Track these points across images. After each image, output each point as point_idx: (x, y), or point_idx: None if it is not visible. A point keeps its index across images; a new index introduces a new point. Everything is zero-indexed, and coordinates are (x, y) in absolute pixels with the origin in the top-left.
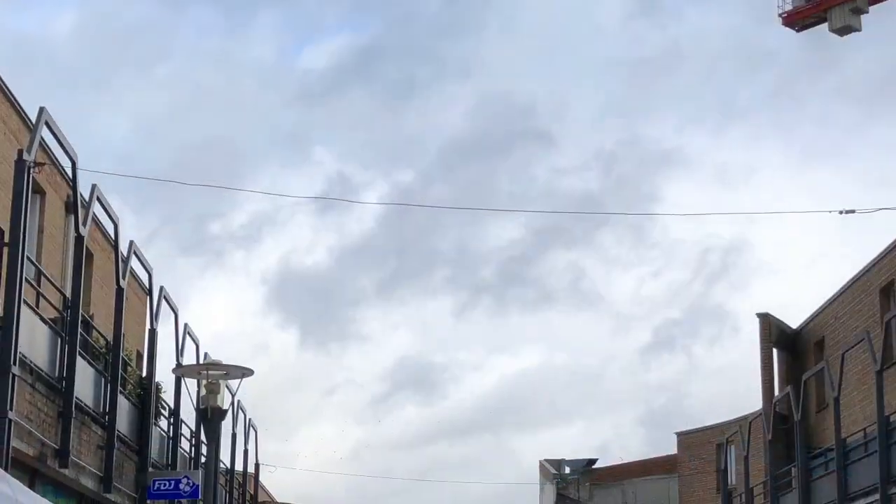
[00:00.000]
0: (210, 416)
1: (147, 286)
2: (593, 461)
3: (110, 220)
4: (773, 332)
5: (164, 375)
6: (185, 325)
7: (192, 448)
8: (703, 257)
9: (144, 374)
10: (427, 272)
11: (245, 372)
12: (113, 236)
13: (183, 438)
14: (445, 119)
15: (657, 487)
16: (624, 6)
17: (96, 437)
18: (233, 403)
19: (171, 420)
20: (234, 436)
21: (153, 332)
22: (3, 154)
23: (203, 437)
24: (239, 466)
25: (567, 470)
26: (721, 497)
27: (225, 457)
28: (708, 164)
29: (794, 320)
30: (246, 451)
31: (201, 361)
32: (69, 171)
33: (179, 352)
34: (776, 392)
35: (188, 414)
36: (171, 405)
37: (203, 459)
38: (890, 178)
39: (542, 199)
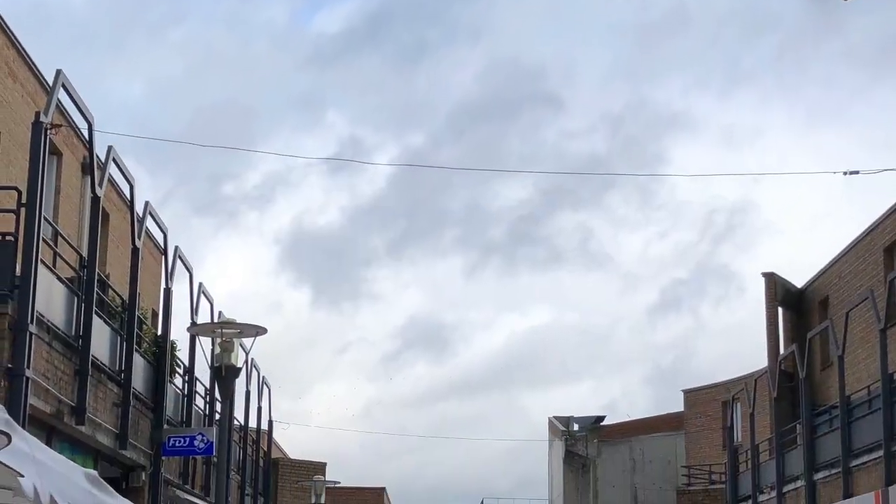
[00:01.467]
0: (224, 374)
1: (162, 246)
2: (601, 418)
3: (126, 180)
4: (779, 292)
5: (178, 334)
6: (200, 284)
7: (207, 405)
8: (709, 218)
9: (159, 332)
10: (437, 232)
11: (258, 330)
12: (128, 197)
13: (197, 396)
14: (455, 82)
15: (664, 444)
16: None
17: (112, 395)
18: (246, 361)
19: (186, 378)
20: (247, 393)
21: (168, 292)
22: (21, 116)
23: (217, 395)
24: (253, 424)
25: (575, 427)
26: (727, 453)
27: (239, 414)
28: (714, 127)
29: (799, 280)
30: (259, 409)
31: (215, 320)
32: (85, 133)
33: (194, 311)
34: (781, 350)
35: (203, 372)
36: (186, 363)
37: (217, 417)
38: (894, 140)
39: (551, 160)
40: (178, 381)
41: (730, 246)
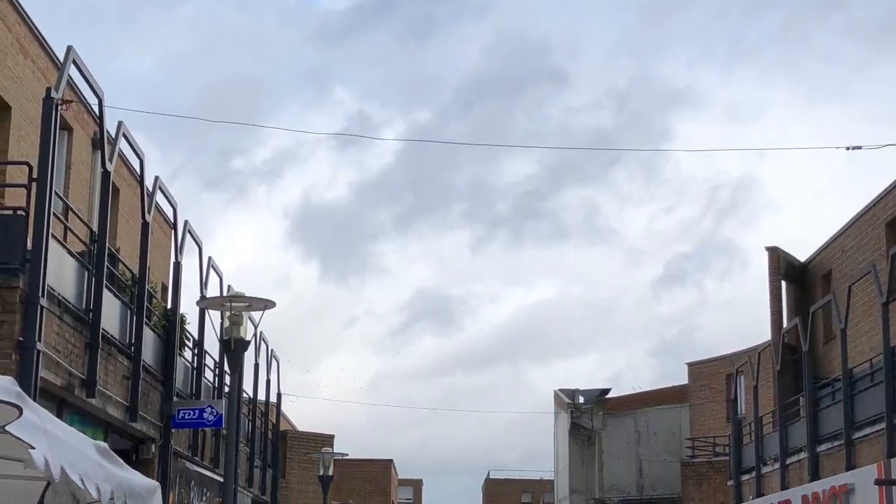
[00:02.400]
0: (233, 347)
1: (172, 220)
2: (606, 391)
3: (136, 155)
4: (782, 266)
5: (188, 307)
6: (209, 258)
7: (216, 378)
8: (713, 193)
9: (169, 306)
10: (444, 207)
11: (267, 304)
12: (139, 172)
13: (207, 369)
14: (462, 57)
15: (668, 417)
16: None
17: (122, 368)
18: (255, 335)
19: (196, 351)
20: (256, 366)
21: (178, 265)
22: (32, 92)
23: (226, 368)
24: (261, 396)
25: (581, 400)
26: (731, 426)
27: (247, 387)
28: (718, 102)
29: (802, 254)
30: (268, 382)
31: (224, 294)
32: (96, 109)
33: (203, 284)
34: (785, 324)
35: (212, 345)
36: (196, 336)
37: (226, 389)
38: (895, 115)
39: (557, 136)
40: (188, 354)
41: (733, 221)
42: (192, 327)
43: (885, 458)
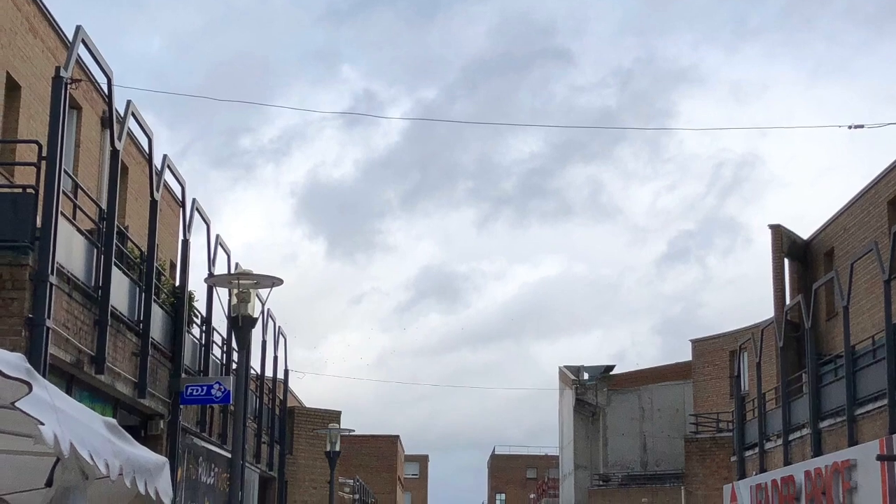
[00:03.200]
0: (241, 324)
1: (180, 198)
2: (611, 367)
3: (144, 134)
4: (785, 243)
5: (196, 285)
6: (217, 235)
7: (224, 355)
8: (716, 171)
9: (177, 283)
10: (450, 185)
11: (274, 281)
12: (147, 150)
13: (215, 346)
14: (468, 37)
15: (672, 393)
16: None
17: (131, 345)
18: (263, 312)
19: (204, 328)
20: (263, 343)
21: (186, 243)
22: (42, 71)
23: (234, 345)
24: (269, 373)
25: (586, 376)
26: (734, 402)
27: (255, 363)
28: (722, 81)
29: (804, 231)
30: (275, 358)
31: (232, 271)
32: (105, 88)
33: (211, 262)
34: (787, 301)
35: (220, 322)
36: (204, 313)
37: (234, 366)
38: None
39: (562, 114)
40: (196, 331)
41: (737, 198)
42: (200, 304)
43: (887, 434)
